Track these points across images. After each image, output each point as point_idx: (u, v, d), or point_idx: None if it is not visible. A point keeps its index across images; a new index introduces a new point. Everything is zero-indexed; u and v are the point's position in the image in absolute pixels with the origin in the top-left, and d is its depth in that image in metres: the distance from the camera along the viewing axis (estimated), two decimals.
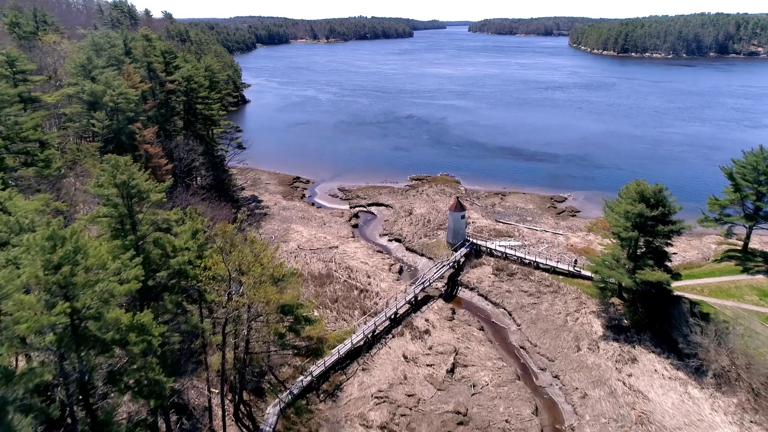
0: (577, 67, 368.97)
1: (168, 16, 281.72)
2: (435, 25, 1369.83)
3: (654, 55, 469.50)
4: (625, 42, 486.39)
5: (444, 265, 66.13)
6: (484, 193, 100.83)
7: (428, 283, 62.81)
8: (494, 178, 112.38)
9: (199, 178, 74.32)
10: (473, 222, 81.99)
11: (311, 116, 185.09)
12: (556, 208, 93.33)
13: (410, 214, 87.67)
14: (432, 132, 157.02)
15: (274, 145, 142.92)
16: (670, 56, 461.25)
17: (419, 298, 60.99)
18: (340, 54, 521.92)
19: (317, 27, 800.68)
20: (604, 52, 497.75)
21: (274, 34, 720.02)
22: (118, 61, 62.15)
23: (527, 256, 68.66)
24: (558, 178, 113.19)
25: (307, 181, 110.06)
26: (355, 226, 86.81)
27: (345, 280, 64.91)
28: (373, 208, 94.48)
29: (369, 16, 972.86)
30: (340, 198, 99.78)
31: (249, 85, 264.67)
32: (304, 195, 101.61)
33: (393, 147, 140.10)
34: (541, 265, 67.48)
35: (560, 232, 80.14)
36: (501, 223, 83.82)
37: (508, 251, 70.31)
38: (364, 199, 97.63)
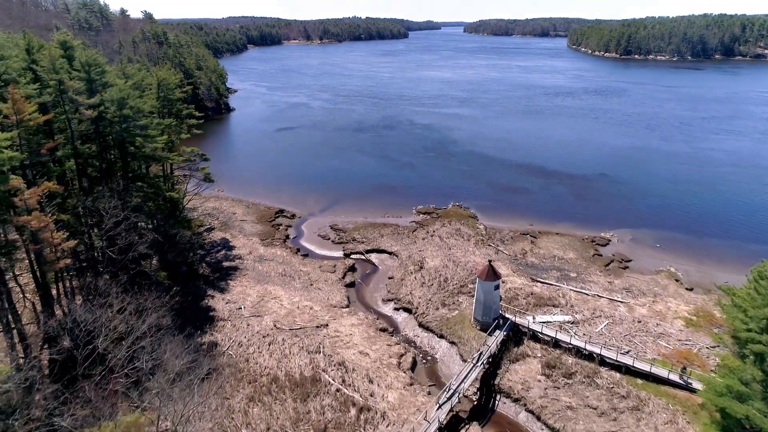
0: (581, 71, 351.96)
1: (148, 17, 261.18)
2: (430, 26, 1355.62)
3: (658, 57, 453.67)
4: (627, 44, 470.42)
5: (476, 366, 47.36)
6: (508, 233, 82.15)
7: (457, 400, 44.03)
8: (516, 209, 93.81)
9: (139, 237, 54.99)
10: (503, 282, 63.25)
11: (301, 128, 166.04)
12: (601, 256, 74.86)
13: (421, 268, 68.87)
14: (437, 148, 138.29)
15: (256, 167, 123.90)
16: (674, 59, 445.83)
17: (445, 424, 42.28)
18: (334, 56, 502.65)
19: (311, 27, 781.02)
20: (606, 54, 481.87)
21: (266, 34, 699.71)
22: (9, 81, 43.31)
23: (587, 346, 50.04)
24: (592, 208, 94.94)
25: (293, 216, 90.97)
26: (351, 284, 67.86)
27: (338, 389, 46.04)
28: (373, 256, 75.67)
29: (363, 17, 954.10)
30: (332, 241, 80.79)
31: (235, 91, 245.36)
32: (287, 237, 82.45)
33: (394, 166, 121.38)
34: (607, 360, 48.95)
35: (618, 299, 61.58)
36: (539, 283, 65.20)
37: (560, 337, 51.69)
38: (362, 242, 78.73)
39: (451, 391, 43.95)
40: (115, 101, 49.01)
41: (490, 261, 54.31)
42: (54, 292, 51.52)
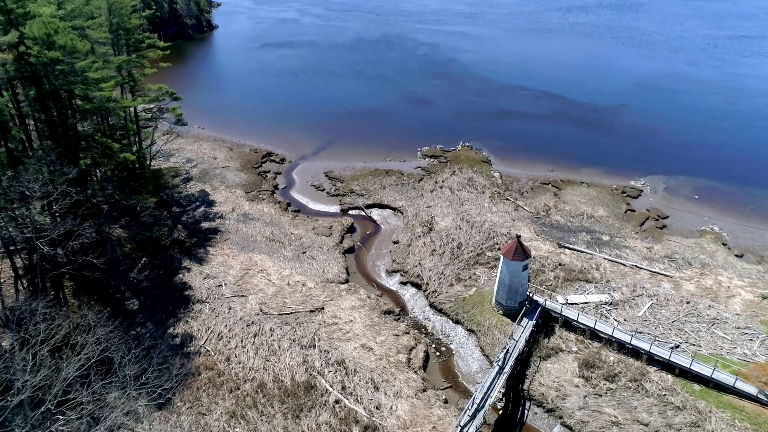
0: None
1: None
2: None
3: None
4: None
5: (503, 370, 39.44)
6: (527, 182, 72.49)
7: (483, 419, 36.41)
8: (533, 150, 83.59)
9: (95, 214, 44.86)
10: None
11: (291, 48, 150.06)
12: (634, 211, 65.81)
13: (430, 230, 59.75)
14: (441, 72, 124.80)
15: (241, 96, 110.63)
16: None
17: None
18: None
19: None
20: None
21: None
22: None
23: (633, 341, 41.98)
24: (617, 148, 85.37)
25: (282, 160, 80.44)
26: (350, 250, 58.98)
27: (337, 400, 38.35)
28: (374, 212, 66.37)
29: None
30: (327, 192, 71.03)
31: (219, 5, 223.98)
32: (276, 187, 72.48)
33: (395, 95, 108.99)
34: (656, 357, 41.13)
35: (661, 270, 53.18)
36: (567, 250, 56.50)
37: (600, 328, 43.57)
38: (362, 194, 69.09)
39: (475, 406, 36.29)
40: (39, 38, 37.48)
41: (518, 236, 45.12)
42: None
